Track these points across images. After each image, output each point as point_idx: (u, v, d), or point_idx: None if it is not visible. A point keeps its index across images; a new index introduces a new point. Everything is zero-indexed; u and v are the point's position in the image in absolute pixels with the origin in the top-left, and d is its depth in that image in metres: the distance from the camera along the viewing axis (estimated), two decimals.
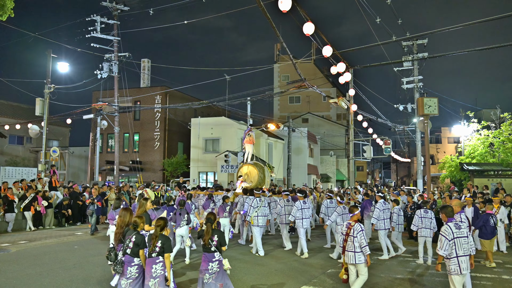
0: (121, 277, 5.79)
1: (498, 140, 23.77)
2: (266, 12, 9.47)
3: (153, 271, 5.65)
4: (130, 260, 5.76)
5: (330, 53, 11.64)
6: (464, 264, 6.11)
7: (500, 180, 19.77)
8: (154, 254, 5.71)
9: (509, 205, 12.93)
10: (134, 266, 5.77)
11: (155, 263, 5.69)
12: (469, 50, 15.74)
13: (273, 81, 54.20)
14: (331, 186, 40.09)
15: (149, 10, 22.48)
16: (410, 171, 53.10)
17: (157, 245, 5.71)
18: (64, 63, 22.92)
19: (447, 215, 6.45)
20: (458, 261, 6.10)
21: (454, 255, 6.12)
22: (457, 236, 6.16)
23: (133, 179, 32.21)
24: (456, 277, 6.11)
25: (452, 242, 6.13)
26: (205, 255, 6.05)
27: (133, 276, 5.73)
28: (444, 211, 6.52)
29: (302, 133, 33.34)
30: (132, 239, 5.79)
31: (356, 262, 6.67)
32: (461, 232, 6.21)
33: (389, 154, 25.57)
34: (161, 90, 33.66)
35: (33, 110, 23.19)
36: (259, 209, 10.90)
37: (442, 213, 6.54)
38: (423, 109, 20.48)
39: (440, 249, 6.13)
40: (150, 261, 5.69)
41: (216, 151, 29.18)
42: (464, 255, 6.14)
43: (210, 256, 6.01)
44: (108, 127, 25.53)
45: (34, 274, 8.21)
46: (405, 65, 23.21)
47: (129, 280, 5.71)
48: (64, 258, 9.66)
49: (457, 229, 6.21)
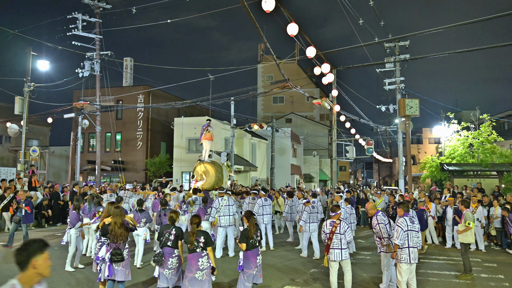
0: (162, 268, 6.32)
1: (477, 141, 24.18)
2: (250, 12, 9.45)
3: (199, 264, 6.01)
4: (171, 252, 6.39)
5: (313, 54, 11.68)
6: (413, 254, 6.75)
7: (479, 180, 20.13)
8: (199, 249, 6.07)
9: (487, 205, 13.20)
10: (175, 257, 6.41)
11: (200, 256, 6.06)
12: (450, 53, 15.98)
13: (257, 81, 54.22)
14: (314, 186, 40.28)
15: (131, 9, 22.24)
16: (392, 171, 53.72)
17: (200, 240, 6.07)
18: (44, 61, 22.52)
19: (404, 210, 7.13)
20: (409, 251, 6.74)
21: (406, 246, 6.76)
22: (410, 229, 6.83)
23: (115, 179, 31.85)
24: (404, 265, 6.72)
25: (406, 233, 6.77)
26: (191, 255, 6.12)
27: (174, 266, 6.36)
28: (402, 206, 7.20)
29: (285, 133, 33.43)
30: (172, 232, 6.43)
31: (343, 259, 6.99)
32: (414, 226, 6.90)
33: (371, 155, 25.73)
34: (143, 89, 33.35)
35: (12, 109, 22.73)
36: (221, 209, 10.69)
37: (400, 208, 7.20)
38: (404, 110, 20.69)
39: (396, 238, 6.75)
40: (196, 255, 6.05)
41: (199, 151, 28.98)
42: (414, 246, 6.78)
43: (197, 255, 6.10)
44: (89, 126, 25.19)
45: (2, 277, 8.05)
46: (387, 66, 23.45)
47: (171, 270, 6.31)
48: None
49: (411, 222, 6.89)
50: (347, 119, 23.40)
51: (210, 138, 15.69)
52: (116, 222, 6.16)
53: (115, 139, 34.17)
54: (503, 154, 23.18)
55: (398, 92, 22.82)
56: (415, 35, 15.94)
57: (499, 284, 8.35)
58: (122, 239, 6.16)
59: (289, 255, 10.92)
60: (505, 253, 11.79)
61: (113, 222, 6.17)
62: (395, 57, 22.58)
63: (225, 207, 10.68)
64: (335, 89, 18.56)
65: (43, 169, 34.52)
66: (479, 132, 24.42)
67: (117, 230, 6.13)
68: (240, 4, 9.14)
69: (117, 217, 6.19)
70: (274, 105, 53.14)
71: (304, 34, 12.02)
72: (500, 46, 13.61)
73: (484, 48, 14.34)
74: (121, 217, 6.23)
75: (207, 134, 15.55)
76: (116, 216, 6.20)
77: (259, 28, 10.02)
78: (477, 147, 24.07)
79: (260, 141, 33.62)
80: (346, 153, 21.92)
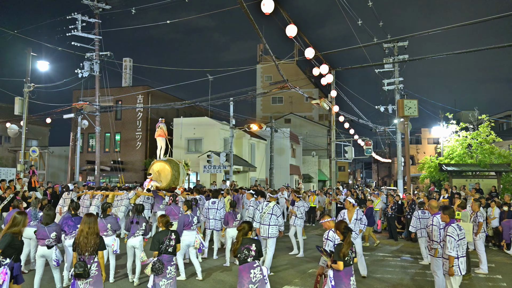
0: (158, 277, 5.73)
1: (476, 141, 24.24)
2: (249, 14, 9.50)
3: (251, 276, 5.36)
4: (170, 259, 5.92)
5: (312, 55, 11.74)
6: (462, 265, 6.16)
7: (477, 180, 20.20)
8: (250, 259, 5.40)
9: (484, 206, 13.24)
10: (173, 265, 5.96)
11: (252, 267, 5.40)
12: (449, 54, 16.02)
13: (256, 81, 54.28)
14: (313, 186, 40.35)
15: (131, 9, 22.25)
16: (391, 172, 53.77)
17: (251, 248, 5.41)
18: (44, 61, 22.56)
19: (450, 216, 6.36)
20: (458, 262, 6.12)
21: (456, 257, 6.13)
22: (461, 238, 6.19)
23: (115, 179, 31.88)
24: (456, 278, 6.16)
25: (458, 243, 6.12)
26: (242, 266, 5.45)
27: (172, 275, 5.87)
28: (448, 212, 6.38)
29: (284, 133, 33.48)
30: (172, 237, 5.98)
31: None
32: (462, 233, 6.23)
33: (370, 155, 25.83)
34: (143, 90, 33.38)
35: (12, 109, 22.76)
36: (264, 216, 9.72)
37: (445, 214, 6.41)
38: (403, 110, 20.79)
39: (451, 250, 6.05)
40: (247, 266, 5.39)
41: (198, 151, 29.08)
42: (462, 256, 6.19)
43: (249, 266, 5.43)
44: (89, 126, 25.20)
45: None
46: (386, 67, 23.49)
47: (169, 280, 5.79)
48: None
49: (460, 230, 6.21)
50: (346, 119, 23.45)
51: (163, 135, 15.54)
52: (83, 230, 5.44)
53: (115, 139, 34.19)
54: (502, 155, 23.26)
55: (397, 92, 22.88)
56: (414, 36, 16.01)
57: (496, 284, 8.41)
58: (87, 250, 5.40)
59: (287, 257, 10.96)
60: (503, 253, 11.85)
61: (80, 230, 5.49)
62: (394, 58, 22.62)
63: (267, 214, 8.98)
64: (334, 89, 18.61)
65: (42, 170, 34.51)
66: (477, 133, 24.50)
67: (81, 240, 5.41)
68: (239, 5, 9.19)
69: (85, 225, 5.48)
70: (273, 105, 53.20)
71: (303, 35, 12.07)
72: (499, 47, 13.66)
73: (482, 49, 14.38)
74: (90, 225, 5.48)
75: (159, 130, 15.49)
76: (83, 224, 5.50)
77: (258, 29, 10.08)
78: (475, 148, 24.14)
79: (259, 141, 33.66)
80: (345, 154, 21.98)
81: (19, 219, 5.61)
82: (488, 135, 23.93)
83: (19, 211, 6.24)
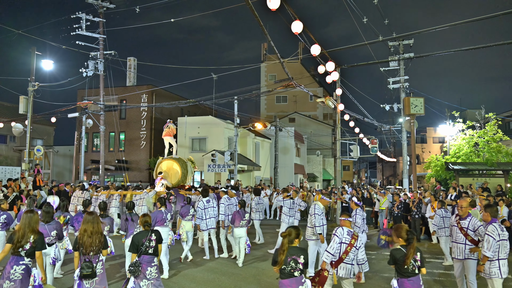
0: (138, 279, 5.64)
1: (483, 140, 24.05)
2: (254, 10, 9.42)
3: None
4: (151, 260, 5.75)
5: (318, 52, 11.65)
6: (504, 267, 5.91)
7: (485, 179, 20.02)
8: (297, 272, 4.74)
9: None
10: (154, 266, 5.76)
11: (300, 283, 4.76)
12: (455, 50, 15.89)
13: (260, 80, 54.23)
14: (317, 186, 40.25)
15: (135, 8, 22.22)
16: (396, 171, 53.54)
17: (299, 261, 4.73)
18: (48, 60, 22.58)
19: (491, 215, 6.04)
20: (499, 264, 5.89)
21: (496, 258, 5.89)
22: (502, 239, 5.89)
23: (119, 179, 31.90)
24: (498, 280, 5.93)
25: (498, 244, 5.85)
26: (287, 281, 4.79)
27: (153, 276, 5.70)
28: (489, 210, 6.06)
29: (289, 132, 33.39)
30: (152, 238, 5.76)
31: (351, 277, 5.91)
32: (504, 234, 5.93)
33: (375, 154, 25.66)
34: (147, 89, 33.38)
35: (16, 109, 22.78)
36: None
37: (487, 212, 6.08)
38: (409, 108, 20.64)
39: (488, 250, 5.81)
40: (294, 281, 4.74)
41: (203, 150, 29.05)
42: (504, 258, 5.93)
43: (296, 281, 4.80)
44: (93, 126, 25.22)
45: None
46: (391, 65, 23.33)
47: (150, 280, 5.65)
48: None
49: (501, 230, 5.91)
50: (351, 118, 23.34)
51: (171, 134, 15.63)
52: (86, 229, 5.43)
53: (119, 138, 34.22)
54: (509, 153, 23.06)
55: (402, 91, 22.71)
56: (420, 33, 15.88)
57: (506, 284, 8.26)
58: (92, 249, 5.40)
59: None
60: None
61: (83, 229, 5.46)
62: (399, 56, 22.46)
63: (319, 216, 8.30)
64: (339, 87, 18.49)
65: (47, 169, 34.57)
66: (484, 131, 24.31)
67: (86, 239, 5.39)
68: (244, 3, 9.11)
69: (88, 224, 5.47)
70: (278, 104, 53.11)
71: (309, 32, 11.99)
72: (506, 43, 13.51)
73: (489, 45, 14.25)
74: (93, 224, 5.47)
75: (167, 130, 15.59)
76: (86, 223, 5.47)
77: (263, 26, 9.99)
78: (482, 146, 23.95)
79: (264, 140, 33.58)
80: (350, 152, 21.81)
81: (86, 217, 5.63)
82: (495, 133, 23.74)
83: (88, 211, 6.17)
